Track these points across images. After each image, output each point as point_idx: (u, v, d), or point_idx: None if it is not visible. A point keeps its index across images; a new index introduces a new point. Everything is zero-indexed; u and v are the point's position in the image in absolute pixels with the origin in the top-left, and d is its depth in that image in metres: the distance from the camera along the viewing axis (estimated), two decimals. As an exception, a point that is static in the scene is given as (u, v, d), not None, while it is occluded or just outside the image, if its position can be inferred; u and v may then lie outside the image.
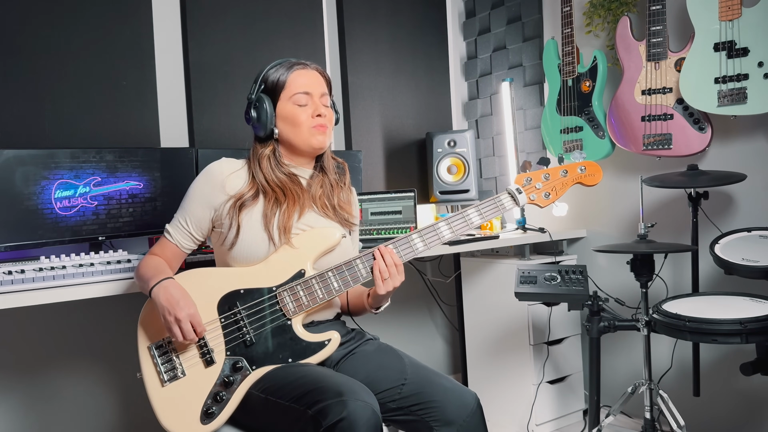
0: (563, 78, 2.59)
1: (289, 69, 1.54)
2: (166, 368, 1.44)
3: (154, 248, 1.58)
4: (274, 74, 1.54)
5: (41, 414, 2.15)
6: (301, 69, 1.55)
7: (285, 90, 1.52)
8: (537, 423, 2.57)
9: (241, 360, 1.42)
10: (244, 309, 1.45)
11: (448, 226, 1.50)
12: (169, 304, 1.38)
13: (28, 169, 1.84)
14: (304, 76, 1.54)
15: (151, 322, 1.47)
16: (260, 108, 1.52)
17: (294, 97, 1.52)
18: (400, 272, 1.47)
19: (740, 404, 2.28)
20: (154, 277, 1.45)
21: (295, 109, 1.52)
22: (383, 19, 3.02)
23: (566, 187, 1.58)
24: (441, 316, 3.24)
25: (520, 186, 1.55)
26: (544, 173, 1.57)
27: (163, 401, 1.42)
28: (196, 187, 1.54)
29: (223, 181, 1.51)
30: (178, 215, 1.55)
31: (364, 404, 1.22)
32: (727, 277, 2.15)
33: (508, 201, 1.54)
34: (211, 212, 1.52)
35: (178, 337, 1.38)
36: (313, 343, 1.44)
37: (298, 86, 1.53)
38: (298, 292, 1.45)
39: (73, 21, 2.19)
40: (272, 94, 1.53)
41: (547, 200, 1.56)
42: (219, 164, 1.54)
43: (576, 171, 1.58)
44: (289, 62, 1.56)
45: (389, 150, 3.03)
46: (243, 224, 1.47)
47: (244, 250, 1.47)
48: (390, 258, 1.45)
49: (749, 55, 2.02)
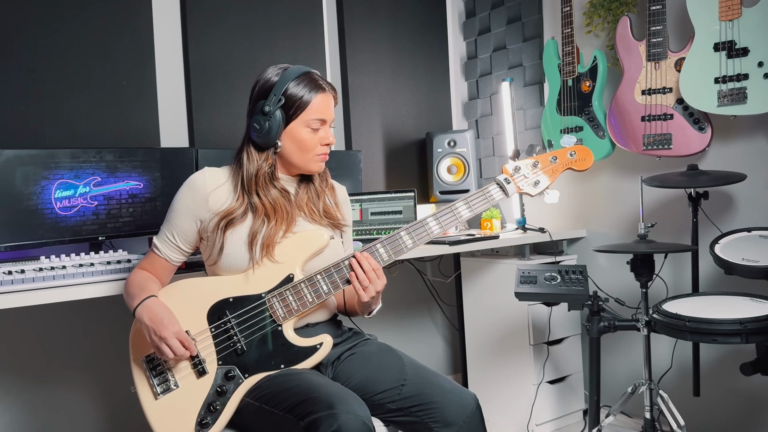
0: (563, 78, 2.59)
1: (312, 90, 1.47)
2: (159, 381, 1.44)
3: (142, 263, 1.57)
4: (297, 90, 1.46)
5: (41, 413, 2.15)
6: (322, 93, 1.48)
7: (304, 112, 1.47)
8: (537, 423, 2.57)
9: (234, 369, 1.42)
10: (234, 317, 1.44)
11: (436, 221, 1.48)
12: (152, 323, 1.38)
13: (28, 169, 1.84)
14: (324, 101, 1.49)
15: (141, 337, 1.45)
16: (273, 121, 1.45)
17: (310, 121, 1.47)
18: (380, 276, 1.44)
19: (740, 404, 2.28)
20: (138, 295, 1.44)
21: (307, 133, 1.48)
22: (383, 19, 3.02)
23: (557, 174, 1.53)
24: (441, 316, 3.24)
25: (509, 176, 1.51)
26: (532, 161, 1.52)
27: (158, 414, 1.42)
28: (179, 201, 1.51)
29: (207, 194, 1.48)
30: (164, 229, 1.53)
31: (355, 417, 1.22)
32: (727, 277, 2.15)
33: (497, 192, 1.50)
34: (197, 224, 1.50)
35: (167, 356, 1.37)
36: (305, 347, 1.43)
37: (317, 112, 1.48)
38: (288, 297, 1.44)
39: (73, 21, 2.19)
40: (288, 110, 1.46)
41: (536, 188, 1.51)
42: (201, 176, 1.51)
43: (566, 156, 1.53)
44: (313, 80, 1.48)
45: (389, 150, 3.03)
46: (227, 242, 1.46)
47: (229, 264, 1.47)
48: (367, 264, 1.43)
49: (749, 55, 2.02)
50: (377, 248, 1.46)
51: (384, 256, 1.46)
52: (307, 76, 1.48)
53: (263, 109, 1.45)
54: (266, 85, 1.48)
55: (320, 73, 1.54)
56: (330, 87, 1.51)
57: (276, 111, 1.45)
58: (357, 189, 2.64)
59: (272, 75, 1.49)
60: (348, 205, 1.69)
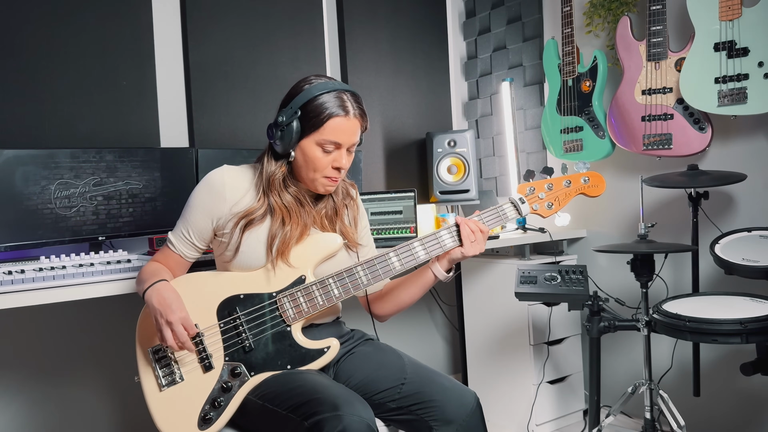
0: (563, 78, 2.59)
1: (333, 110, 1.41)
2: (164, 373, 1.43)
3: (157, 256, 1.56)
4: (317, 106, 1.41)
5: (41, 413, 2.15)
6: (344, 118, 1.42)
7: (318, 132, 1.42)
8: (537, 423, 2.57)
9: (240, 366, 1.42)
10: (244, 314, 1.44)
11: (450, 235, 1.50)
12: (161, 306, 1.37)
13: (28, 169, 1.84)
14: (343, 126, 1.42)
15: (149, 326, 1.46)
16: (286, 132, 1.42)
17: (323, 141, 1.42)
18: (485, 238, 1.49)
19: (740, 404, 2.28)
20: (149, 279, 1.44)
21: (318, 153, 1.44)
22: (383, 19, 3.02)
23: (569, 198, 1.58)
24: (441, 316, 3.24)
25: (523, 195, 1.55)
26: (547, 183, 1.57)
27: (161, 406, 1.42)
28: (197, 197, 1.50)
29: (225, 191, 1.47)
30: (180, 225, 1.52)
31: (360, 419, 1.22)
32: (727, 277, 2.15)
33: (511, 211, 1.54)
34: (213, 222, 1.49)
35: (168, 340, 1.36)
36: (313, 350, 1.43)
37: (332, 136, 1.42)
38: (298, 299, 1.44)
39: (73, 21, 2.19)
40: (304, 124, 1.42)
41: (549, 210, 1.56)
42: (220, 174, 1.49)
43: (579, 182, 1.58)
44: (339, 99, 1.42)
45: (389, 150, 3.03)
46: (244, 242, 1.45)
47: (243, 263, 1.47)
48: (475, 225, 1.48)
49: (749, 55, 2.02)
50: (390, 256, 1.47)
51: (396, 265, 1.47)
52: (336, 95, 1.42)
53: (277, 119, 1.44)
54: (293, 91, 1.46)
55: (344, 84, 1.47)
56: (358, 112, 1.44)
57: (292, 122, 1.41)
58: (357, 189, 2.64)
59: (304, 83, 1.45)
60: (365, 218, 1.68)
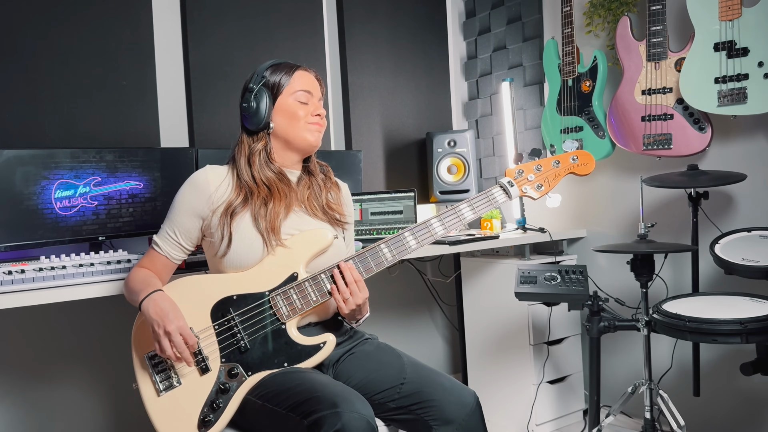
0: (563, 78, 2.59)
1: (291, 69, 1.56)
2: (161, 378, 1.43)
3: (142, 261, 1.57)
4: (276, 73, 1.55)
5: (41, 413, 2.15)
6: (303, 71, 1.57)
7: (288, 86, 1.54)
8: (537, 423, 2.57)
9: (237, 366, 1.42)
10: (238, 315, 1.44)
11: (440, 222, 1.49)
12: (158, 316, 1.38)
13: (28, 169, 1.84)
14: (306, 77, 1.57)
15: (144, 333, 1.46)
16: (260, 99, 1.52)
17: (296, 93, 1.54)
18: (362, 288, 1.44)
19: (740, 404, 2.28)
20: (144, 290, 1.44)
21: (296, 104, 1.53)
22: (383, 19, 3.02)
23: (559, 178, 1.55)
24: (441, 316, 3.24)
25: (512, 179, 1.53)
26: (535, 164, 1.54)
27: (160, 411, 1.42)
28: (181, 198, 1.51)
29: (209, 190, 1.49)
30: (165, 227, 1.53)
31: (359, 416, 1.22)
32: (727, 277, 2.15)
33: (500, 194, 1.52)
34: (199, 222, 1.50)
35: (167, 350, 1.37)
36: (308, 346, 1.43)
37: (302, 85, 1.55)
38: (292, 296, 1.44)
39: (73, 21, 2.19)
40: (272, 90, 1.54)
41: (539, 191, 1.54)
42: (204, 173, 1.52)
43: (568, 161, 1.56)
44: (289, 64, 1.58)
45: (389, 150, 3.03)
46: (234, 231, 1.46)
47: (237, 257, 1.46)
48: (350, 275, 1.43)
49: (749, 55, 2.02)
50: (381, 248, 1.47)
51: (388, 256, 1.47)
52: (285, 63, 1.58)
53: (248, 87, 1.54)
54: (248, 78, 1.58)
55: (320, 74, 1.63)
56: (313, 72, 1.60)
57: (261, 90, 1.52)
58: (357, 189, 2.64)
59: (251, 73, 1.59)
60: (351, 205, 1.70)
